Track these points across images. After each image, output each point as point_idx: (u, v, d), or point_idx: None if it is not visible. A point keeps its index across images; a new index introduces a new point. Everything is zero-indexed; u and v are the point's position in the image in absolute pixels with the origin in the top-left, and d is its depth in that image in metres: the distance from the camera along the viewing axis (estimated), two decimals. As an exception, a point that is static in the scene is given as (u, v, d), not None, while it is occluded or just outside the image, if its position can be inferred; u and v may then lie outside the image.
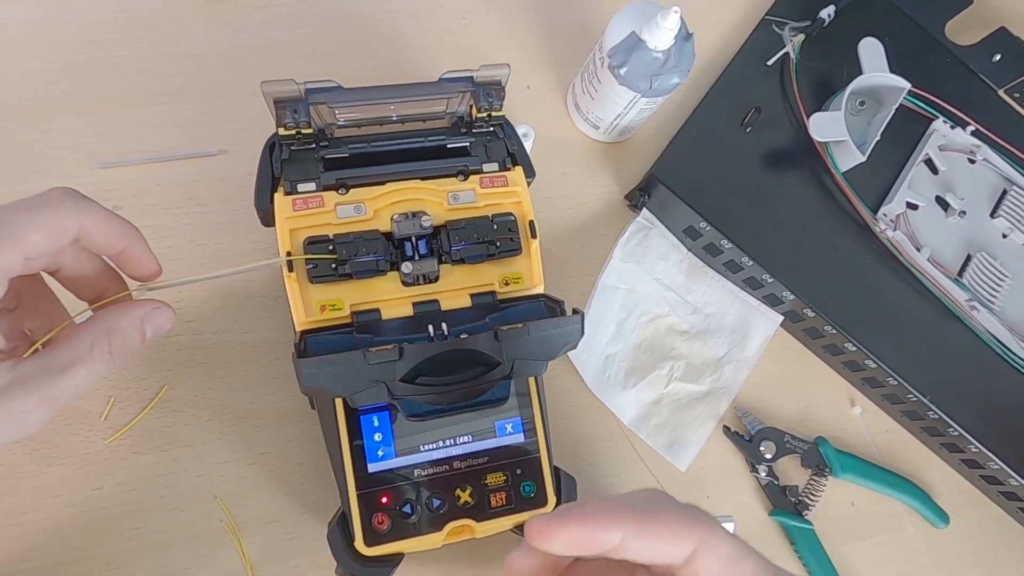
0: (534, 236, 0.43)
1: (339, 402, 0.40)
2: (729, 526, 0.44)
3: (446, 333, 0.40)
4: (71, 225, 0.31)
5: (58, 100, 0.50)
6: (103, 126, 0.50)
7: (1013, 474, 0.53)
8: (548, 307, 0.42)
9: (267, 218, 0.42)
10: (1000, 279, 0.59)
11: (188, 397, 0.47)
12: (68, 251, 0.33)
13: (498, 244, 0.42)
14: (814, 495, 0.54)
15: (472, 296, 0.42)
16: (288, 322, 0.49)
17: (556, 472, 0.43)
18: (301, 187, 0.42)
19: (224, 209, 0.51)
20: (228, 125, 0.52)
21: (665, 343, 0.55)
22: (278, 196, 0.41)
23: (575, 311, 0.40)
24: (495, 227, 0.43)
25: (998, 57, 0.65)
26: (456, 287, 0.42)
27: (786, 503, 0.54)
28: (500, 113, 0.44)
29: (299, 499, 0.47)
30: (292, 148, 0.42)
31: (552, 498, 0.42)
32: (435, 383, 0.37)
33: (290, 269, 0.39)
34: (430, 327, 0.40)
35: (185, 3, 0.54)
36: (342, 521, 0.40)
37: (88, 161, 0.50)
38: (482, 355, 0.38)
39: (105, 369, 0.32)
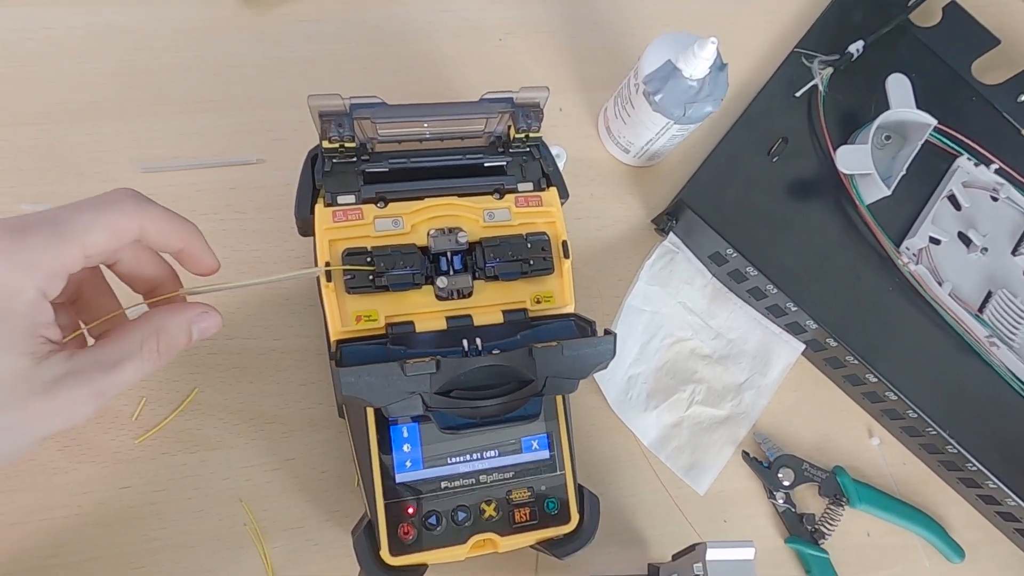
0: (567, 256, 0.44)
1: (370, 412, 0.41)
2: (749, 551, 0.44)
3: (480, 348, 0.40)
4: (132, 226, 0.32)
5: (103, 105, 0.52)
6: (146, 131, 0.52)
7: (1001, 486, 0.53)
8: (579, 327, 0.43)
9: (305, 228, 0.43)
10: (1020, 316, 0.60)
11: (218, 400, 0.48)
12: (127, 248, 0.34)
13: (531, 262, 0.43)
14: (831, 524, 0.54)
15: (504, 313, 0.43)
16: (318, 330, 0.50)
17: (580, 490, 0.44)
18: (341, 199, 0.42)
19: (260, 217, 0.51)
20: (267, 135, 0.53)
21: (687, 366, 0.56)
22: (319, 207, 0.42)
23: (607, 331, 0.40)
24: (529, 246, 0.43)
25: (1023, 97, 0.66)
26: (489, 303, 0.43)
27: (802, 531, 0.54)
28: (537, 134, 0.45)
29: (323, 506, 0.47)
30: (334, 161, 0.43)
31: (575, 516, 0.43)
32: (469, 397, 0.37)
33: (328, 279, 0.40)
34: (464, 342, 0.40)
35: (229, 15, 0.55)
36: (368, 530, 0.41)
37: (131, 165, 0.51)
38: (516, 371, 0.38)
39: (152, 367, 0.33)
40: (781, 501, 0.54)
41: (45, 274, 0.29)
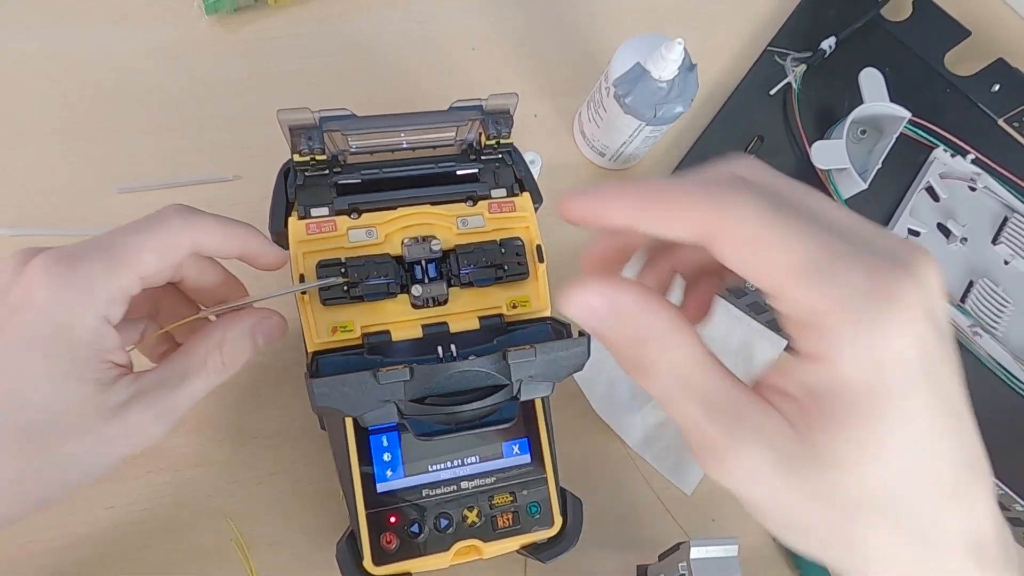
0: (541, 260, 0.44)
1: (349, 422, 0.41)
2: (732, 548, 0.44)
3: (455, 354, 0.40)
4: (182, 242, 0.33)
5: (78, 127, 0.52)
6: (122, 152, 0.52)
7: (1017, 499, 0.53)
8: (555, 330, 0.43)
9: (281, 241, 0.43)
10: (1002, 305, 0.60)
11: (199, 417, 0.48)
12: (188, 262, 0.35)
13: (506, 268, 0.43)
14: (819, 519, 0.54)
15: (480, 319, 0.43)
16: (298, 343, 0.50)
17: (563, 493, 0.44)
18: (314, 212, 0.43)
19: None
20: (243, 151, 0.53)
21: (670, 366, 0.56)
22: (292, 220, 0.42)
23: (581, 333, 0.40)
24: (503, 251, 0.43)
25: (997, 87, 0.67)
26: (465, 310, 0.43)
27: (791, 527, 0.54)
28: (508, 140, 0.45)
29: (308, 519, 0.47)
30: (306, 174, 0.43)
31: (558, 519, 0.43)
32: (444, 403, 0.38)
33: (303, 292, 0.40)
34: (439, 348, 0.40)
35: (201, 34, 0.56)
36: (351, 540, 0.41)
37: (108, 185, 0.51)
38: (491, 376, 0.38)
39: (220, 379, 0.35)
40: (769, 498, 0.54)
41: (104, 300, 0.30)
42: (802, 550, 0.23)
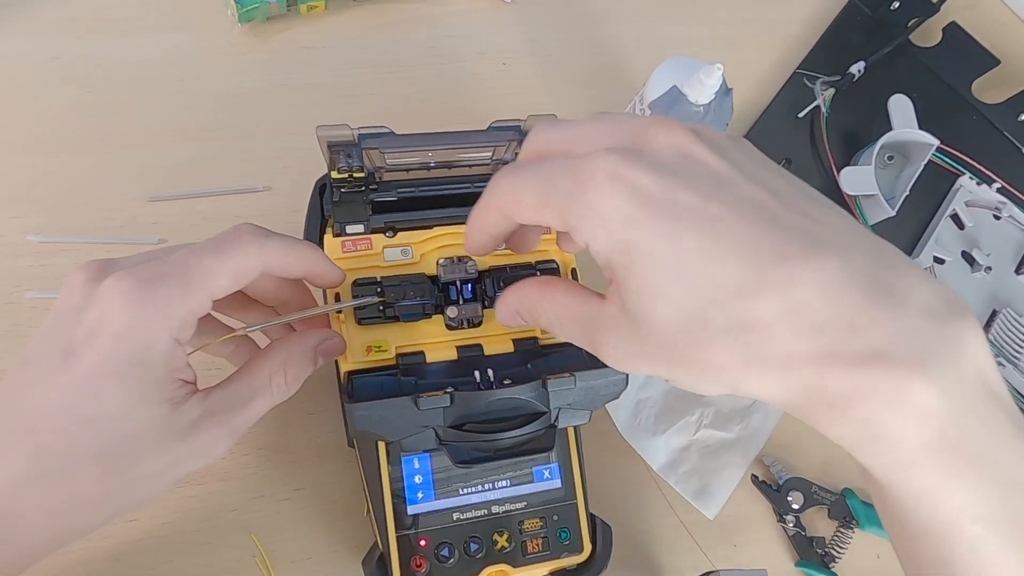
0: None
1: (381, 443, 0.41)
2: (762, 579, 0.44)
3: (492, 380, 0.40)
4: (255, 267, 0.33)
5: (110, 134, 0.52)
6: (152, 160, 0.52)
7: None
8: (590, 355, 0.43)
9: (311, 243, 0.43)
10: (1026, 336, 0.60)
11: (225, 431, 0.47)
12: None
13: (541, 291, 0.43)
14: (840, 547, 0.54)
15: (514, 341, 0.43)
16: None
17: (592, 519, 0.43)
18: (349, 229, 0.42)
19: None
20: (273, 163, 0.53)
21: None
22: (328, 238, 0.42)
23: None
24: (538, 273, 0.43)
25: (1023, 117, 0.67)
26: (499, 332, 0.43)
27: (813, 554, 0.54)
28: (545, 162, 0.45)
29: (332, 537, 0.47)
30: (342, 191, 0.43)
31: (588, 545, 0.43)
32: (483, 431, 0.37)
33: (339, 312, 0.40)
34: (476, 373, 0.40)
35: (233, 43, 0.55)
36: (380, 563, 0.41)
37: (138, 193, 0.50)
38: (528, 403, 0.38)
39: (282, 398, 0.36)
40: (791, 524, 0.54)
41: (178, 323, 0.30)
42: (675, 381, 0.27)
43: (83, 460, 0.30)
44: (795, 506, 0.54)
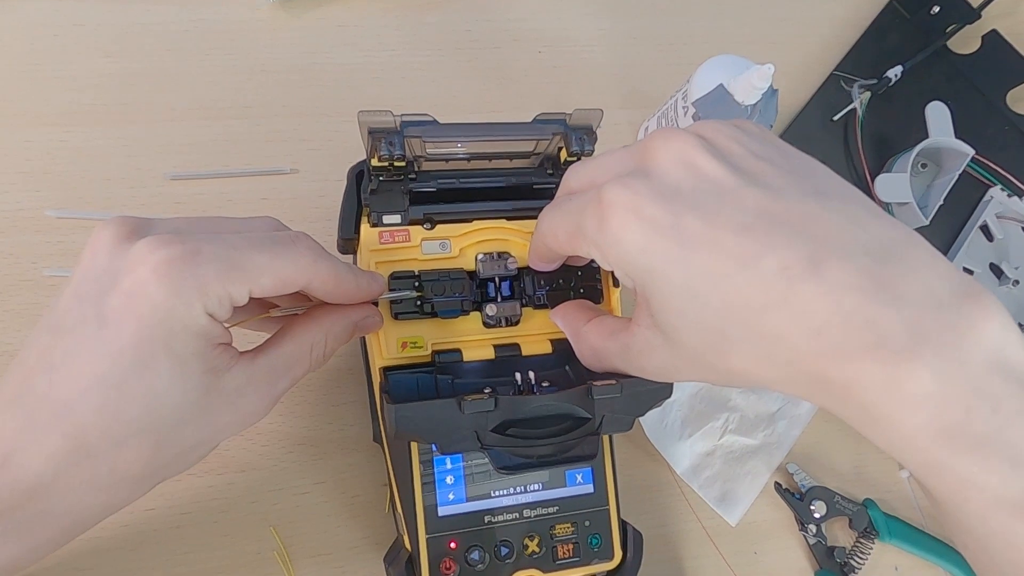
0: (616, 285, 0.43)
1: (414, 443, 0.40)
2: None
3: (533, 382, 0.39)
4: (300, 280, 0.32)
5: (132, 108, 0.50)
6: (177, 136, 0.50)
7: None
8: (629, 358, 0.42)
9: (346, 247, 0.42)
10: (1052, 351, 0.59)
11: (246, 421, 0.46)
12: None
13: (581, 291, 0.42)
14: (860, 558, 0.54)
15: (552, 342, 0.42)
16: (351, 350, 0.49)
17: (624, 526, 0.43)
18: (386, 219, 0.41)
19: (294, 228, 0.50)
20: (301, 144, 0.51)
21: (721, 394, 0.55)
22: (365, 228, 0.40)
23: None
24: (580, 273, 0.42)
25: (1057, 129, 0.66)
26: (537, 332, 0.42)
27: (832, 564, 0.53)
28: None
29: (352, 532, 0.46)
30: (380, 179, 0.41)
31: (619, 553, 0.42)
32: (525, 436, 0.36)
33: (375, 303, 0.39)
34: (517, 375, 0.39)
35: (265, 17, 0.53)
36: (408, 565, 0.40)
37: (160, 170, 0.49)
38: (572, 409, 0.37)
39: (318, 367, 0.35)
40: (812, 533, 0.53)
41: (215, 300, 0.29)
42: (712, 383, 0.31)
43: (127, 436, 0.29)
44: (817, 515, 0.54)
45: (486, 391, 0.37)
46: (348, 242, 0.41)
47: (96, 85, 0.50)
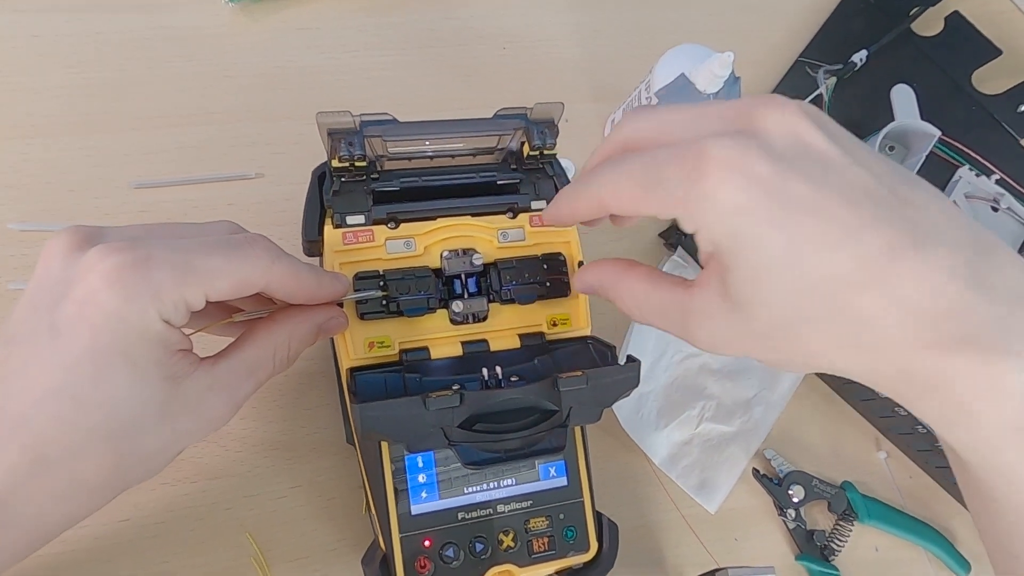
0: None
1: (384, 443, 0.40)
2: (769, 576, 0.44)
3: (500, 378, 0.39)
4: (258, 282, 0.32)
5: (95, 118, 0.49)
6: (141, 145, 0.50)
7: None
8: (596, 349, 0.42)
9: (312, 249, 0.42)
10: (1024, 328, 0.60)
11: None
12: None
13: (548, 284, 0.42)
14: (840, 540, 0.54)
15: (520, 336, 0.42)
16: (322, 353, 0.48)
17: (598, 517, 0.43)
18: (350, 220, 0.41)
19: (260, 233, 0.50)
20: (266, 148, 0.51)
21: (697, 382, 0.55)
22: (328, 229, 0.40)
23: (631, 359, 0.39)
24: (545, 267, 0.42)
25: (1023, 108, 0.66)
26: (505, 327, 0.42)
27: (813, 548, 0.54)
28: (552, 151, 0.44)
29: (329, 535, 0.46)
30: (343, 180, 0.41)
31: (594, 544, 0.42)
32: (493, 430, 0.36)
33: (340, 304, 0.39)
34: (484, 371, 0.39)
35: (225, 23, 0.53)
36: (383, 564, 0.39)
37: (125, 179, 0.48)
38: (539, 402, 0.37)
39: (283, 370, 0.35)
40: (791, 518, 0.54)
41: (170, 306, 0.29)
42: (770, 363, 0.29)
43: (86, 445, 0.29)
44: (796, 500, 0.54)
45: (454, 388, 0.37)
46: (313, 244, 0.41)
47: (58, 96, 0.49)
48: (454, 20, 0.58)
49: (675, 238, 0.56)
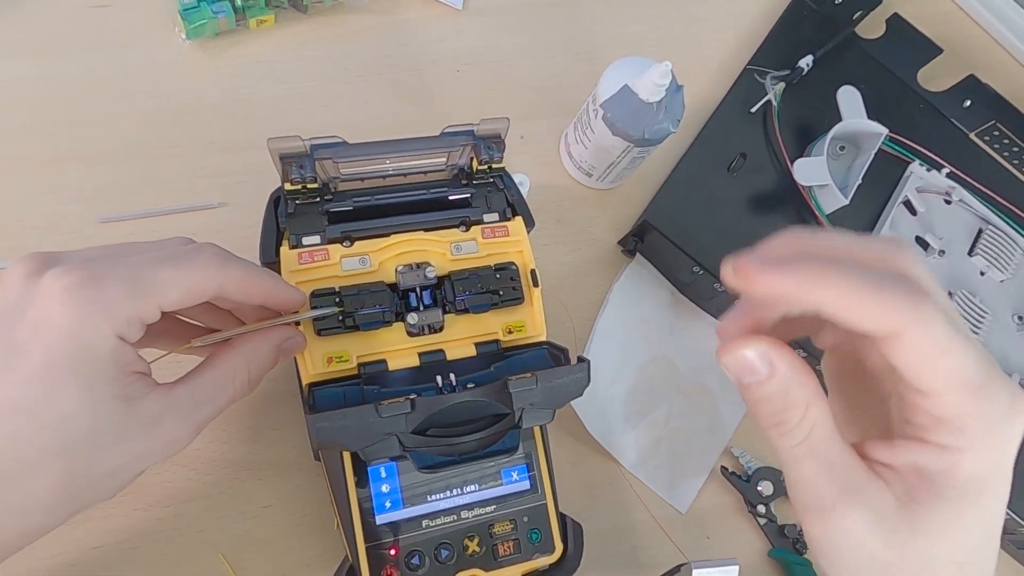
0: (536, 285, 0.44)
1: (346, 453, 0.40)
2: (733, 570, 0.44)
3: (454, 384, 0.40)
4: (209, 287, 0.33)
5: (58, 155, 0.51)
6: (105, 180, 0.51)
7: (1021, 521, 0.54)
8: (552, 355, 0.43)
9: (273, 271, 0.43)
10: (981, 316, 0.61)
11: (188, 451, 0.46)
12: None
13: (501, 293, 0.43)
14: (812, 533, 0.55)
15: (477, 345, 0.43)
16: (287, 372, 0.49)
17: (563, 518, 0.44)
18: (306, 240, 0.42)
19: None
20: (229, 178, 0.53)
21: (662, 384, 0.56)
22: (284, 250, 0.42)
23: (580, 359, 0.40)
24: (498, 276, 0.43)
25: (968, 103, 0.68)
26: (461, 336, 0.43)
27: (785, 542, 0.54)
28: (500, 165, 0.45)
29: (302, 552, 0.47)
30: (297, 202, 0.43)
31: (559, 545, 0.43)
32: (446, 435, 0.37)
33: (297, 324, 0.40)
34: (438, 378, 0.40)
35: (184, 60, 0.55)
36: (350, 574, 0.40)
37: (90, 214, 0.50)
38: (491, 405, 0.38)
39: (243, 396, 0.36)
40: (761, 514, 0.54)
41: (123, 322, 0.30)
42: None
43: (39, 461, 0.29)
44: (765, 495, 0.55)
45: (411, 396, 0.38)
46: (271, 266, 0.42)
47: (18, 134, 0.51)
48: (408, 47, 0.60)
49: (633, 244, 0.58)
